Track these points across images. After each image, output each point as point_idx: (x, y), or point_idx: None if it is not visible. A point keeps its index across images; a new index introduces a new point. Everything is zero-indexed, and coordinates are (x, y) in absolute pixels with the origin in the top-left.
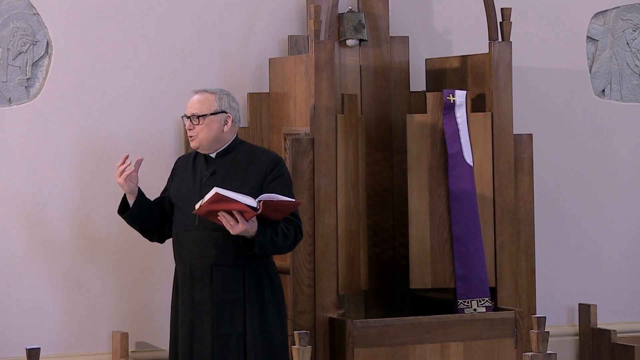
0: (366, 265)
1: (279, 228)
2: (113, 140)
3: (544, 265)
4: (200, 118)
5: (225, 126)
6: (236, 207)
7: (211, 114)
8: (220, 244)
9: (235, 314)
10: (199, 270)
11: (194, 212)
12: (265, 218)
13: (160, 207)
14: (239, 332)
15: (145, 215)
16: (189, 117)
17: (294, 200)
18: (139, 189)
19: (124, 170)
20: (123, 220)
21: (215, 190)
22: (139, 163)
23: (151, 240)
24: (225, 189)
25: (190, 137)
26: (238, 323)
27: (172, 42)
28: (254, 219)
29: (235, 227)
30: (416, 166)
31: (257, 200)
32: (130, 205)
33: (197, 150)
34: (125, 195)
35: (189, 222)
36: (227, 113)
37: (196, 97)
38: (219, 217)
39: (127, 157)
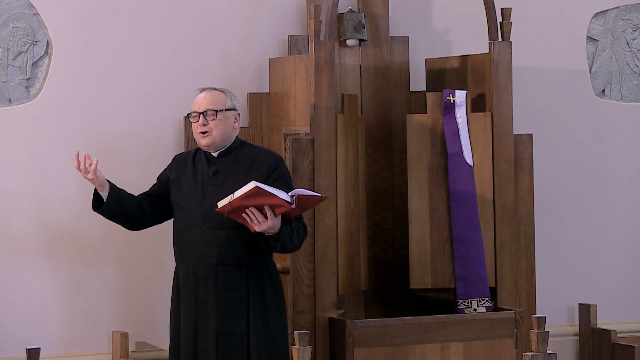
0: (366, 265)
1: (293, 226)
2: (113, 140)
3: (544, 265)
4: (217, 113)
5: (235, 123)
6: (272, 202)
7: (226, 110)
8: (224, 243)
9: (239, 313)
10: (202, 269)
11: (217, 210)
12: (285, 215)
13: (152, 198)
14: (243, 331)
15: (124, 206)
16: (201, 114)
17: (321, 195)
18: (108, 181)
19: (85, 166)
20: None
21: (254, 183)
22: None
23: (135, 229)
24: (229, 188)
25: (203, 133)
26: (242, 322)
27: (172, 42)
28: (279, 216)
29: (263, 223)
30: (416, 166)
31: (290, 194)
32: (104, 199)
33: (208, 148)
34: (96, 192)
35: (190, 221)
36: (237, 111)
37: (206, 94)
38: (245, 214)
39: (78, 154)
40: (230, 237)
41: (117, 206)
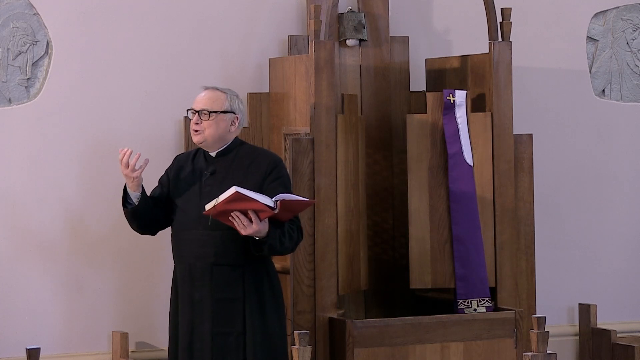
0: (366, 265)
1: (285, 228)
2: (113, 140)
3: (544, 265)
4: (210, 114)
5: (232, 127)
6: (254, 207)
7: (221, 112)
8: (220, 244)
9: (235, 313)
10: (198, 269)
11: (204, 212)
12: (274, 218)
13: (157, 200)
14: (238, 332)
15: (148, 210)
16: (197, 112)
17: (307, 199)
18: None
19: (128, 162)
20: (123, 216)
21: (234, 189)
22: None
23: (142, 234)
24: (227, 188)
25: (196, 131)
26: (237, 322)
27: (172, 42)
28: (266, 219)
29: (249, 227)
30: (416, 166)
31: (273, 199)
32: (134, 199)
33: (200, 145)
34: (125, 190)
35: (188, 221)
36: (235, 114)
37: (206, 93)
38: (231, 217)
39: (130, 152)
40: (226, 237)
41: (144, 205)
